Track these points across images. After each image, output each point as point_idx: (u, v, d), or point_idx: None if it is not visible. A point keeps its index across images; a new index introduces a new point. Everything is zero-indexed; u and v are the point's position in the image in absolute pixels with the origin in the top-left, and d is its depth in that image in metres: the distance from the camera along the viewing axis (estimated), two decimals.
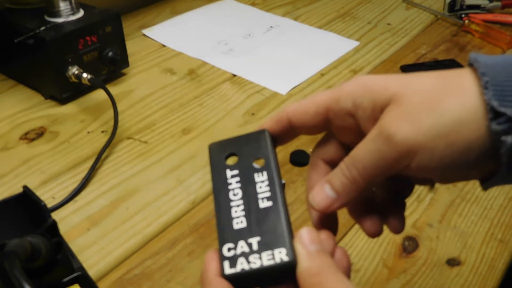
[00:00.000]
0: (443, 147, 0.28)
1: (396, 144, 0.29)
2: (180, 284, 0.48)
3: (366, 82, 0.31)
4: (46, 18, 0.73)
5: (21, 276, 0.33)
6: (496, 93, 0.27)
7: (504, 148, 0.27)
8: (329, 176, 0.32)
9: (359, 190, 0.31)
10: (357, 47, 0.90)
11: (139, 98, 0.75)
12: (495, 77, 0.28)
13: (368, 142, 0.30)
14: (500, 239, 0.53)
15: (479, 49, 0.90)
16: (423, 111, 0.28)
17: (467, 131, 0.28)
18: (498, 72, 0.28)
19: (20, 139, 0.66)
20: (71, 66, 0.70)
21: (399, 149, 0.29)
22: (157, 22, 0.96)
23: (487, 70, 0.28)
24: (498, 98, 0.27)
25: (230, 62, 0.84)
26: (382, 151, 0.29)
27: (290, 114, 0.34)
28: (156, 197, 0.58)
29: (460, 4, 1.00)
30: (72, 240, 0.52)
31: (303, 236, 0.29)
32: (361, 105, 0.31)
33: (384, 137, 0.29)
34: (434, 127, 0.28)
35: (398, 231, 0.36)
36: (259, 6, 1.04)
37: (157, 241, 0.53)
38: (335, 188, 0.32)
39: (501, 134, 0.27)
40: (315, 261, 0.28)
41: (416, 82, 0.30)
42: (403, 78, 0.30)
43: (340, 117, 0.32)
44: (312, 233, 0.29)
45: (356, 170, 0.31)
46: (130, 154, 0.64)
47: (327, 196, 0.32)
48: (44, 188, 0.58)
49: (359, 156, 0.30)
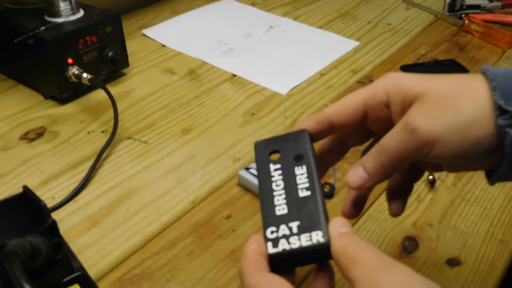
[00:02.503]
0: (458, 140, 0.34)
1: (419, 136, 0.34)
2: (180, 284, 0.48)
3: (398, 80, 0.37)
4: (46, 18, 0.73)
5: (21, 276, 0.33)
6: (502, 94, 0.33)
7: (508, 139, 0.32)
8: (361, 160, 0.38)
9: (386, 173, 0.37)
10: (357, 47, 0.90)
11: (139, 98, 0.75)
12: (502, 83, 0.33)
13: (395, 132, 0.36)
14: (500, 239, 0.53)
15: (479, 49, 0.90)
16: (443, 110, 0.34)
17: (478, 129, 0.33)
18: (504, 79, 0.34)
19: (20, 139, 0.66)
20: (71, 66, 0.70)
21: (421, 140, 0.34)
22: (157, 22, 0.96)
23: (496, 77, 0.34)
24: (504, 98, 0.33)
25: (230, 62, 0.84)
26: (407, 141, 0.35)
27: (330, 116, 0.39)
28: (156, 197, 0.58)
29: (460, 4, 1.00)
30: (72, 240, 0.52)
31: (336, 221, 0.33)
32: (393, 100, 0.37)
33: (409, 129, 0.35)
34: (451, 124, 0.34)
35: (397, 214, 0.43)
36: (259, 6, 1.04)
37: (157, 241, 0.53)
38: (367, 170, 0.37)
39: (505, 127, 0.32)
40: (347, 239, 0.32)
41: (438, 84, 0.36)
42: (428, 79, 0.36)
43: (376, 110, 0.38)
44: (343, 220, 0.33)
45: (385, 156, 0.36)
46: (130, 154, 0.64)
47: (361, 177, 0.37)
48: (44, 188, 0.58)
49: (387, 144, 0.36)
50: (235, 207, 0.57)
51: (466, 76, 0.36)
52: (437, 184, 0.60)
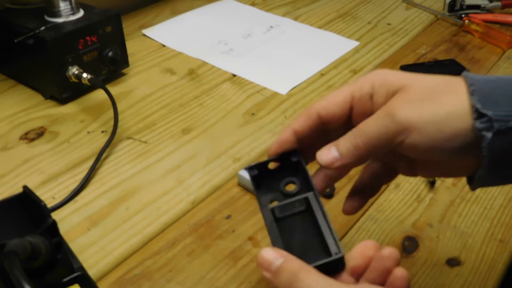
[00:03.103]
0: (434, 131, 0.34)
1: (396, 121, 0.35)
2: (180, 284, 0.48)
3: (384, 74, 0.38)
4: (46, 18, 0.73)
5: (21, 276, 0.33)
6: (480, 99, 0.34)
7: (485, 142, 0.33)
8: (337, 141, 0.38)
9: (359, 156, 0.37)
10: (357, 47, 0.90)
11: (139, 98, 0.75)
12: (480, 88, 0.35)
13: (374, 117, 0.36)
14: (500, 239, 0.53)
15: (479, 49, 0.90)
16: (423, 100, 0.35)
17: (455, 122, 0.34)
18: (482, 84, 0.35)
19: (20, 139, 0.66)
20: (71, 66, 0.70)
21: (398, 126, 0.35)
22: (157, 22, 0.96)
23: (474, 82, 0.35)
24: (481, 102, 0.34)
25: (230, 62, 0.84)
26: (385, 126, 0.36)
27: (318, 109, 0.39)
28: (156, 197, 0.58)
29: (460, 4, 1.00)
30: (72, 240, 0.52)
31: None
32: (378, 91, 0.38)
33: (389, 114, 0.35)
34: (429, 113, 0.35)
35: (350, 213, 0.43)
36: (259, 6, 1.04)
37: (157, 241, 0.53)
38: (340, 150, 0.37)
39: (482, 130, 0.33)
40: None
41: (422, 79, 0.37)
42: (413, 75, 0.38)
43: (362, 102, 0.38)
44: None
45: (360, 138, 0.37)
46: (130, 154, 0.64)
47: (332, 156, 0.38)
48: (44, 188, 0.58)
49: (365, 127, 0.37)
50: (235, 207, 0.57)
51: (449, 77, 0.37)
52: (437, 184, 0.60)
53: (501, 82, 0.35)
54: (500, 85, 0.35)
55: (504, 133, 0.33)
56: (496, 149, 0.33)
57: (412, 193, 0.59)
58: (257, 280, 0.49)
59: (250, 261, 0.50)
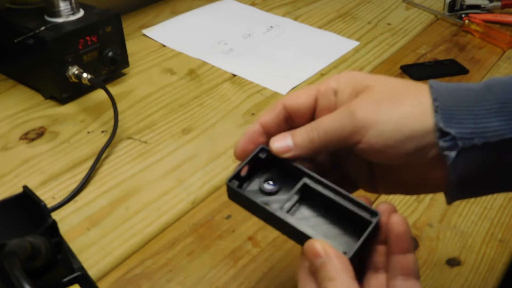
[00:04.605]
0: (390, 130, 0.34)
1: (355, 119, 0.35)
2: (180, 284, 0.48)
3: (352, 73, 0.39)
4: (46, 18, 0.73)
5: (21, 276, 0.33)
6: (443, 116, 0.33)
7: (449, 161, 0.33)
8: (293, 130, 0.38)
9: (313, 149, 0.37)
10: (357, 47, 0.90)
11: (139, 98, 0.75)
12: (445, 102, 0.34)
13: (335, 113, 0.37)
14: (500, 239, 0.53)
15: (479, 49, 0.90)
16: (384, 101, 0.35)
17: (413, 123, 0.34)
18: (448, 97, 0.34)
19: (20, 139, 0.66)
20: (71, 66, 0.70)
21: (356, 124, 0.35)
22: (157, 22, 0.96)
23: (439, 96, 0.34)
24: (445, 120, 0.33)
25: (230, 62, 0.84)
26: (343, 122, 0.35)
27: (284, 101, 0.39)
28: (156, 197, 0.58)
29: (460, 4, 1.00)
30: (72, 240, 0.52)
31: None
32: (343, 88, 0.38)
33: (348, 111, 0.36)
34: (387, 112, 0.35)
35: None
36: (259, 6, 1.04)
37: (157, 241, 0.53)
38: (295, 140, 0.37)
39: (446, 149, 0.33)
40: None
41: (388, 81, 0.37)
42: (381, 77, 0.38)
43: (326, 97, 0.38)
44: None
45: (317, 132, 0.36)
46: (130, 154, 0.64)
47: (286, 145, 0.38)
48: (44, 188, 0.58)
49: (323, 122, 0.37)
50: (235, 207, 0.56)
51: (415, 83, 0.37)
52: None
53: (465, 94, 0.34)
54: (464, 97, 0.34)
55: (468, 151, 0.33)
56: (461, 166, 0.33)
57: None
58: (257, 280, 0.49)
59: (250, 261, 0.50)
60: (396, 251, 0.35)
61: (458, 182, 0.34)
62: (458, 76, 0.82)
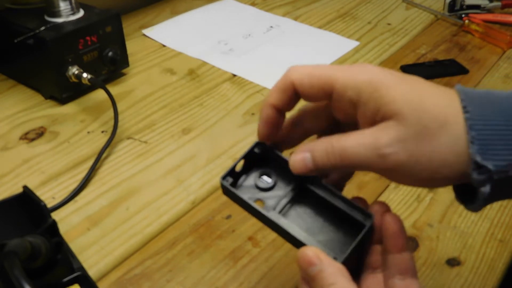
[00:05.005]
0: (426, 176, 0.33)
1: (387, 162, 0.32)
2: (180, 284, 0.48)
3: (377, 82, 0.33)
4: (46, 18, 0.73)
5: (21, 276, 0.33)
6: (480, 148, 0.31)
7: (483, 195, 0.32)
8: (313, 147, 0.35)
9: (333, 171, 0.36)
10: (357, 47, 0.90)
11: (139, 98, 0.75)
12: (480, 130, 0.31)
13: (362, 145, 0.33)
14: (500, 239, 0.53)
15: (479, 49, 0.90)
16: (420, 142, 0.32)
17: (448, 170, 0.32)
18: (482, 126, 0.31)
19: (20, 139, 0.66)
20: (71, 66, 0.70)
21: (388, 166, 0.33)
22: (157, 22, 0.96)
23: (474, 124, 0.31)
24: (481, 152, 0.31)
25: (230, 62, 0.84)
26: (372, 161, 0.33)
27: (296, 84, 0.36)
28: (156, 197, 0.58)
29: (460, 4, 1.00)
30: (72, 240, 0.52)
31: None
32: (365, 104, 0.33)
33: (379, 154, 0.32)
34: (424, 159, 0.32)
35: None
36: (259, 6, 1.04)
37: (157, 241, 0.53)
38: (315, 161, 0.35)
39: (480, 182, 0.31)
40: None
41: (421, 106, 0.32)
42: (409, 92, 0.33)
43: (342, 102, 0.35)
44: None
45: (340, 159, 0.34)
46: (130, 154, 0.64)
47: (306, 165, 0.35)
48: (44, 188, 0.58)
49: (349, 151, 0.33)
50: (235, 207, 0.56)
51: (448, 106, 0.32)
52: None
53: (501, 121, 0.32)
54: (500, 126, 0.31)
55: (502, 181, 0.31)
56: (490, 193, 0.32)
57: (412, 193, 0.59)
58: (257, 280, 0.49)
59: (250, 261, 0.50)
60: (392, 250, 0.35)
61: (484, 202, 0.33)
62: (458, 76, 0.82)
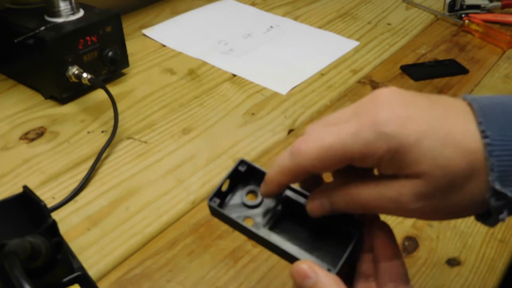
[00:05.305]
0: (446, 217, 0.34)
1: (407, 210, 0.32)
2: (180, 284, 0.48)
3: (396, 147, 0.31)
4: (46, 18, 0.73)
5: (21, 276, 0.33)
6: (499, 176, 0.30)
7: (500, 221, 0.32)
8: (331, 195, 0.35)
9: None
10: (357, 47, 0.90)
11: (139, 98, 0.75)
12: (500, 157, 0.30)
13: (385, 199, 0.32)
14: (500, 239, 0.53)
15: (479, 49, 0.90)
16: (446, 194, 0.31)
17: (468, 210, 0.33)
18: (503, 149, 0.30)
19: (20, 139, 0.66)
20: (71, 66, 0.70)
21: (411, 216, 0.33)
22: (157, 22, 0.96)
23: (494, 149, 0.30)
24: (500, 179, 0.30)
25: (230, 62, 0.84)
26: (395, 211, 0.33)
27: (309, 169, 0.34)
28: (156, 197, 0.58)
29: (460, 4, 1.00)
30: (72, 240, 0.52)
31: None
32: (386, 167, 0.32)
33: (402, 207, 0.32)
34: (446, 207, 0.32)
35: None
36: (259, 6, 1.04)
37: (157, 241, 0.53)
38: (334, 207, 0.35)
39: (497, 208, 0.31)
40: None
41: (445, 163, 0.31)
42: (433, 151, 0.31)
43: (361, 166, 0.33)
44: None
45: (361, 208, 0.34)
46: (130, 154, 0.64)
47: (323, 210, 0.36)
48: (44, 188, 0.58)
49: (372, 204, 0.33)
50: None
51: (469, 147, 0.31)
52: None
53: None
54: None
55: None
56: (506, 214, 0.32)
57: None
58: (257, 280, 0.49)
59: (250, 261, 0.50)
60: (382, 258, 0.35)
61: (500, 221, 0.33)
62: (458, 76, 0.82)
